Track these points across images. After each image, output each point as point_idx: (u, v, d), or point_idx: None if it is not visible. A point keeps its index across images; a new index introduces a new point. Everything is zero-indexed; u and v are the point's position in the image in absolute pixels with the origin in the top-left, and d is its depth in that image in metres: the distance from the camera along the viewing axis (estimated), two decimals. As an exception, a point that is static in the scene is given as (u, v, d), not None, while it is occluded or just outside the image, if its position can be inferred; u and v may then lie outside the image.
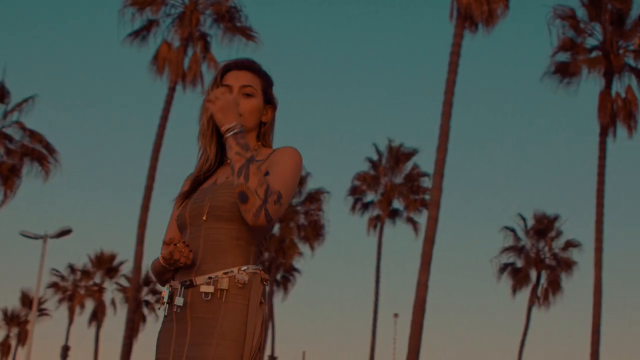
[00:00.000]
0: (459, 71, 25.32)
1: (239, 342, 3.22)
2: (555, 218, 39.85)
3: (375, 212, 41.38)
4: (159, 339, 3.43)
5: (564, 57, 29.50)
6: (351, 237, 58.56)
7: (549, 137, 52.13)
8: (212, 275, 3.29)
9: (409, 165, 41.37)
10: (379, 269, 40.83)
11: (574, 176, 52.15)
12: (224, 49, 30.21)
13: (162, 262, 3.34)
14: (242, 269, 3.30)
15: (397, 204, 41.50)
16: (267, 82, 3.58)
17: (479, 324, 54.78)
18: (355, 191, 41.52)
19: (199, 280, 3.30)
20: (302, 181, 41.79)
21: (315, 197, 41.63)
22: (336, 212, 70.73)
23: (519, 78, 53.75)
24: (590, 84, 30.16)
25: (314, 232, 40.90)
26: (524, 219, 40.30)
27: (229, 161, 3.39)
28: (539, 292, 39.13)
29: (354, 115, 58.71)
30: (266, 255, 41.98)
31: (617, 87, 29.10)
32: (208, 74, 29.84)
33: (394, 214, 41.42)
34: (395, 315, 46.54)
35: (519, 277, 39.20)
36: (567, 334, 52.28)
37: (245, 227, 3.34)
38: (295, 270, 42.90)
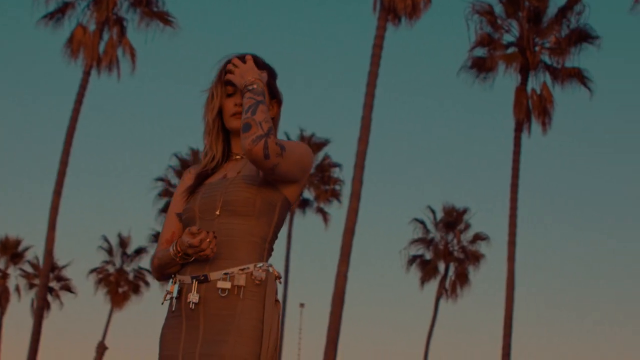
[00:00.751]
0: (381, 63, 25.37)
1: (256, 340, 3.19)
2: (465, 211, 40.34)
3: (287, 201, 41.18)
4: (164, 335, 3.37)
5: (481, 52, 29.79)
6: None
7: (466, 131, 52.77)
8: (228, 271, 3.25)
9: (320, 156, 41.35)
10: (288, 258, 40.79)
11: (489, 170, 52.86)
12: (141, 34, 29.74)
13: (178, 251, 3.27)
14: (258, 265, 3.27)
15: (308, 194, 41.46)
16: (271, 76, 3.51)
17: (389, 315, 55.23)
18: (266, 181, 41.24)
19: (213, 275, 3.25)
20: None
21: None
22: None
23: (440, 72, 54.37)
24: (507, 80, 30.49)
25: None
26: (433, 212, 40.71)
27: (237, 157, 3.47)
28: (447, 284, 39.58)
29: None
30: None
31: (533, 84, 29.54)
32: (124, 59, 29.33)
33: (304, 204, 41.38)
34: (301, 305, 46.50)
35: (427, 269, 39.57)
36: (474, 327, 53.04)
37: (259, 223, 3.32)
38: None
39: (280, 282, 3.37)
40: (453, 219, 40.22)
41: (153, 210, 41.03)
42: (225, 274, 3.24)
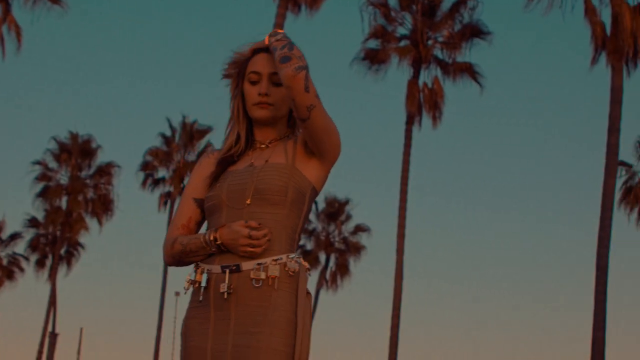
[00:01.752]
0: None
1: (290, 332, 3.14)
2: (346, 202, 40.57)
3: (167, 188, 40.68)
4: (188, 325, 3.29)
5: (374, 44, 29.91)
6: (141, 213, 57.12)
7: (358, 123, 52.93)
8: (261, 261, 3.18)
9: (202, 143, 40.88)
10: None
11: (380, 162, 53.18)
12: (27, 12, 28.80)
13: (212, 240, 3.21)
14: (290, 256, 3.22)
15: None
16: None
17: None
18: (146, 167, 40.60)
19: (246, 265, 3.17)
20: (91, 153, 40.61)
21: (105, 171, 40.61)
22: (127, 187, 68.91)
23: (337, 62, 54.36)
24: (399, 73, 30.69)
25: (103, 206, 39.83)
26: (315, 203, 40.72)
27: (261, 146, 3.40)
28: (328, 275, 39.72)
29: (152, 89, 57.24)
30: (50, 229, 40.46)
31: (425, 77, 29.85)
32: (9, 36, 28.32)
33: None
34: (177, 293, 45.84)
35: (308, 260, 39.61)
36: (356, 317, 53.24)
37: (290, 213, 3.26)
38: (81, 245, 41.45)
39: (309, 274, 3.30)
40: (335, 210, 40.37)
41: (29, 194, 39.90)
42: (259, 264, 3.17)
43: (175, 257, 3.36)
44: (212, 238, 3.21)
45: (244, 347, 3.12)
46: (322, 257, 40.02)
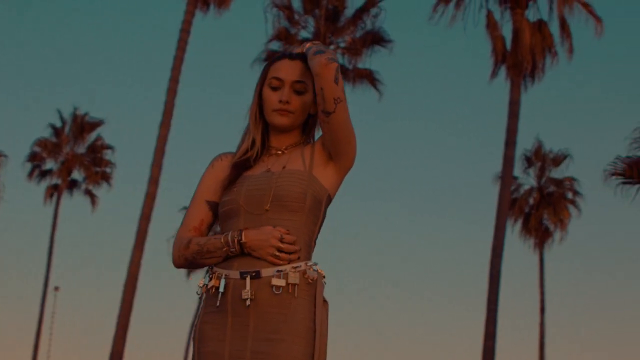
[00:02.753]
0: (188, 49, 25.05)
1: (309, 340, 3.15)
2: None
3: (54, 181, 39.84)
4: (203, 330, 3.25)
5: (278, 46, 29.97)
6: (27, 205, 55.50)
7: None
8: (281, 268, 3.17)
9: (93, 136, 40.19)
10: (52, 240, 39.33)
11: None
12: None
13: (228, 243, 3.19)
14: (309, 264, 3.23)
15: (77, 174, 40.20)
16: None
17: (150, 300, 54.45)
18: (34, 157, 39.66)
19: (265, 272, 3.17)
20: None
21: (-10, 160, 39.44)
22: (13, 177, 66.93)
23: (242, 63, 53.94)
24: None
25: (-13, 196, 38.74)
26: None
27: (277, 152, 3.40)
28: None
29: (43, 79, 55.64)
30: None
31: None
32: None
33: (72, 185, 40.08)
34: (56, 288, 44.97)
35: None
36: None
37: (307, 220, 3.26)
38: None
39: (325, 282, 3.30)
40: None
41: None
42: (279, 271, 3.17)
43: (189, 259, 3.34)
44: (236, 239, 3.21)
45: (264, 354, 3.13)
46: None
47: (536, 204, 37.81)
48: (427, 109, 52.33)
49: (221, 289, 3.21)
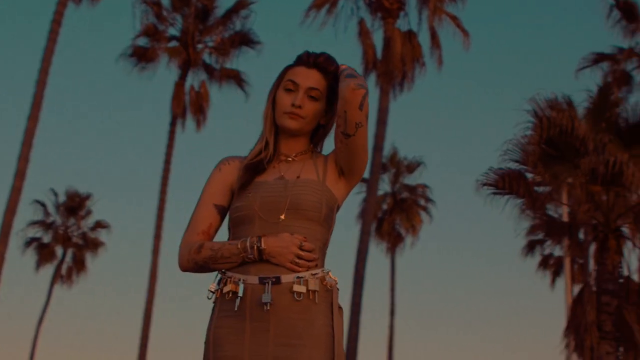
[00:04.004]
0: (59, 41, 24.38)
1: (329, 346, 3.20)
2: (87, 197, 39.63)
3: None
4: (219, 335, 3.26)
5: (145, 42, 29.59)
6: None
7: (123, 119, 51.22)
8: (300, 274, 3.21)
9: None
10: None
11: (142, 161, 51.66)
12: None
13: (245, 249, 3.21)
14: (325, 271, 3.28)
15: None
16: (332, 87, 3.46)
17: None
18: None
19: (285, 278, 3.20)
20: None
21: None
22: None
23: (111, 57, 52.31)
24: (168, 74, 30.51)
25: None
26: (55, 194, 39.57)
27: (288, 159, 3.43)
28: (64, 269, 38.63)
29: None
30: None
31: (192, 80, 29.85)
32: None
33: None
34: None
35: (44, 253, 38.36)
36: (90, 313, 51.38)
37: (322, 229, 3.31)
38: None
39: (338, 288, 3.35)
40: (75, 204, 39.34)
41: None
42: (298, 277, 3.21)
43: (200, 263, 3.32)
44: (256, 245, 3.21)
45: (286, 359, 3.14)
46: (59, 251, 38.83)
47: (389, 209, 38.57)
48: None
49: (240, 294, 3.21)
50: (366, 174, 26.08)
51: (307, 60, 3.43)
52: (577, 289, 32.72)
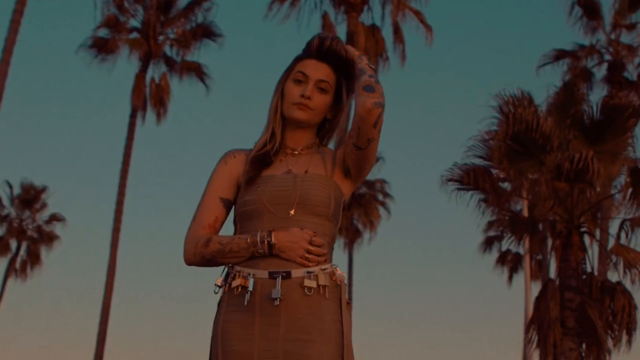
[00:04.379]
0: (21, 31, 24.00)
1: (338, 341, 3.20)
2: (43, 190, 39.21)
3: None
4: (227, 329, 3.24)
5: (105, 33, 29.28)
6: None
7: (86, 111, 50.57)
8: (310, 269, 3.21)
9: None
10: None
11: (100, 153, 51.02)
12: None
13: (254, 244, 3.20)
14: (334, 266, 3.28)
15: None
16: (341, 81, 3.46)
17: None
18: None
19: (296, 273, 3.20)
20: None
21: None
22: None
23: (72, 47, 51.50)
24: (128, 65, 30.25)
25: None
26: (10, 187, 39.11)
27: (294, 152, 3.43)
28: (18, 263, 38.19)
29: None
30: None
31: (153, 73, 29.61)
32: None
33: None
34: None
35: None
36: (45, 307, 50.78)
37: (330, 224, 3.31)
38: None
39: (346, 283, 3.34)
40: (31, 197, 38.89)
41: None
42: (309, 272, 3.20)
43: (207, 257, 3.30)
44: (266, 240, 3.20)
45: (297, 354, 3.14)
46: (14, 244, 38.37)
47: (347, 204, 38.53)
48: (256, 104, 52.30)
49: (250, 288, 3.19)
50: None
51: (318, 52, 3.40)
52: (535, 285, 33.15)
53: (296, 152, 3.42)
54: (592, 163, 16.76)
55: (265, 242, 3.19)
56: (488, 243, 34.70)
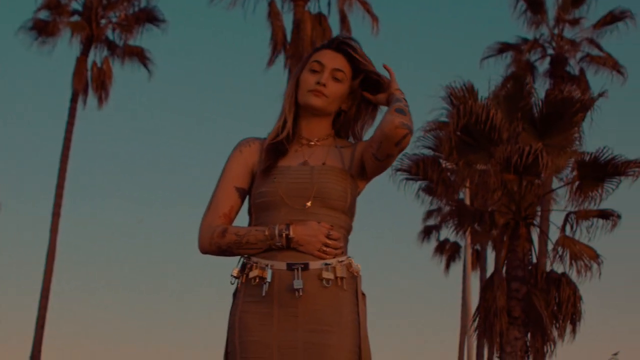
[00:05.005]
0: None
1: (355, 332, 3.25)
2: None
3: None
4: (245, 320, 3.27)
5: (46, 15, 28.81)
6: None
7: (25, 94, 49.40)
8: (328, 261, 3.25)
9: None
10: None
11: (39, 139, 49.92)
12: None
13: (272, 236, 3.23)
14: (350, 258, 3.33)
15: None
16: (356, 73, 3.47)
17: None
18: None
19: (314, 265, 3.23)
20: None
21: None
22: None
23: (12, 29, 50.24)
24: (70, 49, 29.74)
25: None
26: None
27: (310, 143, 3.44)
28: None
29: None
30: None
31: (95, 57, 29.24)
32: None
33: None
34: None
35: None
36: None
37: (346, 217, 3.34)
38: None
39: (361, 275, 3.37)
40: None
41: None
42: (326, 264, 3.24)
43: (223, 247, 3.32)
44: (285, 233, 3.22)
45: (316, 344, 3.17)
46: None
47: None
48: (201, 90, 51.73)
49: (268, 279, 3.21)
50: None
51: (335, 43, 3.45)
52: (474, 275, 33.56)
53: (312, 143, 3.43)
54: (541, 156, 17.00)
55: (284, 235, 3.21)
56: (426, 232, 35.02)
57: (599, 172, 17.39)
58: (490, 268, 35.83)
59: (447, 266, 35.59)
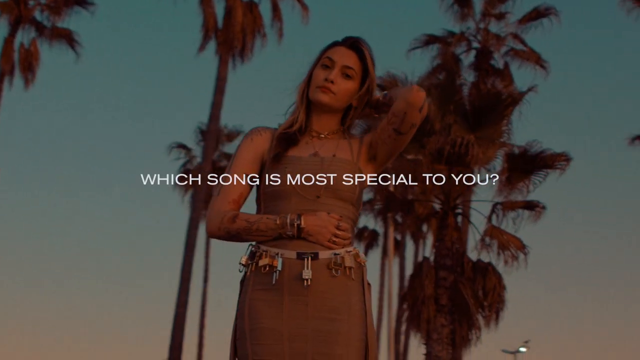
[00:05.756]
0: None
1: (362, 319, 3.34)
2: None
3: None
4: (255, 307, 3.32)
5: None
6: None
7: None
8: (336, 251, 3.32)
9: None
10: None
11: None
12: None
13: (282, 226, 3.30)
14: (356, 248, 3.42)
15: None
16: (367, 70, 3.53)
17: None
18: None
19: (323, 254, 3.31)
20: None
21: None
22: None
23: None
24: (-2, 29, 29.23)
25: None
26: None
27: (320, 135, 3.52)
28: None
29: None
30: None
31: (23, 38, 28.82)
32: None
33: None
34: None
35: None
36: None
37: (354, 209, 3.43)
38: None
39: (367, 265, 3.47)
40: None
41: None
42: (335, 254, 3.31)
43: (232, 233, 3.37)
44: (296, 223, 3.30)
45: (325, 332, 3.25)
46: None
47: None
48: (129, 74, 51.15)
49: (279, 268, 3.28)
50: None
51: (349, 41, 3.52)
52: (395, 262, 33.97)
53: (322, 136, 3.50)
54: (472, 148, 17.34)
55: (295, 225, 3.28)
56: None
57: (528, 164, 17.79)
58: (409, 256, 36.34)
59: (365, 253, 35.84)
